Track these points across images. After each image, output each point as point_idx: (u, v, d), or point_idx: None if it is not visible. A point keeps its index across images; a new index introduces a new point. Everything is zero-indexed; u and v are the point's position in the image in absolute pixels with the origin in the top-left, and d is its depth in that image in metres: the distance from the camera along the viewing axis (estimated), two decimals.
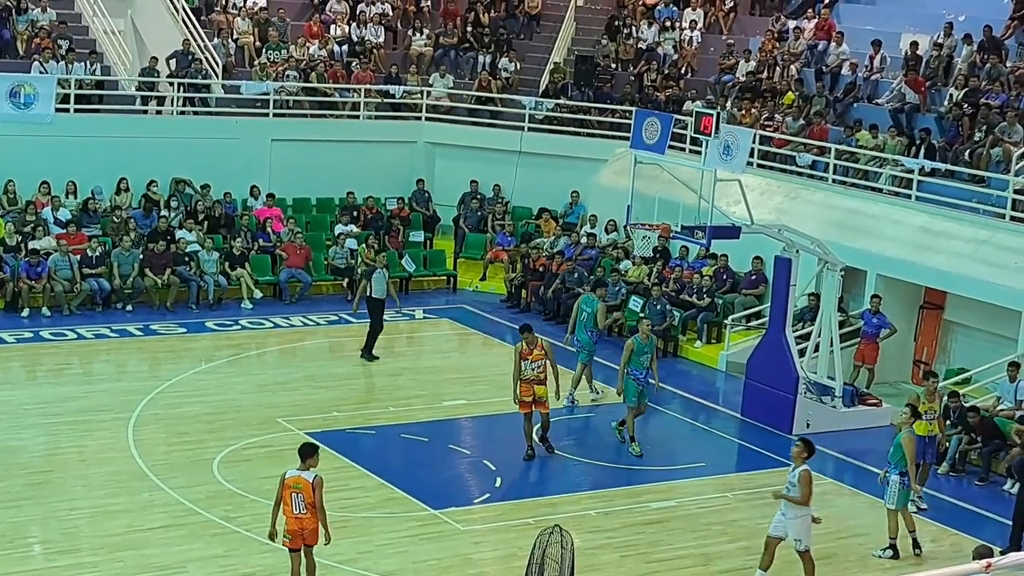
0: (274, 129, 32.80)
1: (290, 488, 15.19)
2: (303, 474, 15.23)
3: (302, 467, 15.29)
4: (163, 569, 16.44)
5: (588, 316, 23.65)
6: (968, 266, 24.93)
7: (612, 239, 31.12)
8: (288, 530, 15.29)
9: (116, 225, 29.15)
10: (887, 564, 17.98)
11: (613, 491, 20.01)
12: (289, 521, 15.24)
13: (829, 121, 30.61)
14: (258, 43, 34.86)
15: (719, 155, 22.81)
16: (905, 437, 18.06)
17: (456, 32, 37.37)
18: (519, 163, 33.53)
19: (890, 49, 31.74)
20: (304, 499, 15.12)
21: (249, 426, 21.53)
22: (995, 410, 22.36)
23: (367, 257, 30.18)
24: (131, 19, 35.13)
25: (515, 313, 29.67)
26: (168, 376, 24.00)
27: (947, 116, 28.74)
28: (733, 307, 27.62)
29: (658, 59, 36.06)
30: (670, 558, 17.76)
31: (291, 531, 15.28)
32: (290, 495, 15.18)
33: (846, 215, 27.45)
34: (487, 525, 18.44)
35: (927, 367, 24.48)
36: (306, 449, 15.52)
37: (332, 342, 27.28)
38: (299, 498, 15.13)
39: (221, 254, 29.16)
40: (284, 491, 15.22)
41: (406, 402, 23.40)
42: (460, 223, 33.43)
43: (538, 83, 36.10)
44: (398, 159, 34.24)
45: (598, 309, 23.71)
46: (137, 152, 30.72)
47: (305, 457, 15.35)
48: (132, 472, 19.37)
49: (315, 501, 15.12)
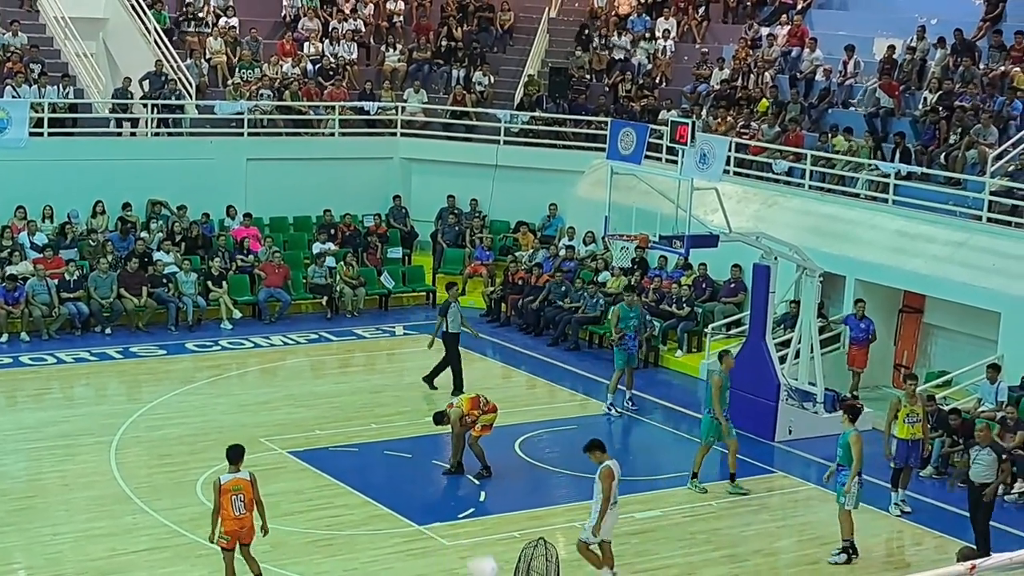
0: (249, 148, 32.76)
1: (229, 492, 15.60)
2: (239, 475, 15.73)
3: (233, 469, 15.75)
4: None
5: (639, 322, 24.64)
6: (946, 269, 25.00)
7: (591, 251, 31.14)
8: (226, 531, 15.64)
9: (93, 248, 29.06)
10: (872, 570, 17.99)
11: None
12: (228, 523, 15.61)
13: (804, 127, 30.69)
14: (231, 63, 34.79)
15: (695, 164, 22.88)
16: (852, 437, 18.08)
17: (429, 47, 37.37)
18: (496, 177, 33.54)
19: (863, 54, 31.84)
20: (244, 499, 15.60)
21: None
22: (976, 412, 22.41)
23: (346, 275, 30.19)
24: (103, 41, 35.07)
25: (495, 327, 29.66)
26: (149, 398, 23.91)
27: (922, 120, 28.84)
28: (713, 316, 27.64)
29: (632, 69, 36.12)
30: (656, 568, 17.75)
31: (229, 532, 15.65)
32: (230, 499, 15.59)
33: (823, 221, 27.51)
34: (472, 540, 18.40)
35: (907, 370, 24.52)
36: (236, 451, 15.96)
37: (313, 360, 27.22)
38: (239, 499, 15.59)
39: (199, 275, 29.09)
40: (223, 496, 15.59)
41: (388, 419, 23.35)
42: (438, 238, 33.41)
43: (512, 96, 36.13)
44: (374, 176, 34.22)
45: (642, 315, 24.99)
46: (112, 175, 30.64)
47: (236, 459, 15.83)
48: (115, 495, 19.29)
49: (256, 497, 15.68)
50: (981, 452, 18.33)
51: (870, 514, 20.02)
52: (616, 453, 22.67)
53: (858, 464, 18.00)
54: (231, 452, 15.96)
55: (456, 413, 20.47)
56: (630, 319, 24.27)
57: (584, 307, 28.52)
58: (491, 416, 20.63)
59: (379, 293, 30.99)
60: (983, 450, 18.31)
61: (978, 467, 18.34)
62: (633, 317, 24.34)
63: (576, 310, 28.59)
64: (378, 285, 30.98)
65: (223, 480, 15.67)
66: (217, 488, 15.64)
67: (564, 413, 24.23)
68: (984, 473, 18.26)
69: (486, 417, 20.54)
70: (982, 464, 18.29)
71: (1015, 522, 19.88)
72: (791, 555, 18.45)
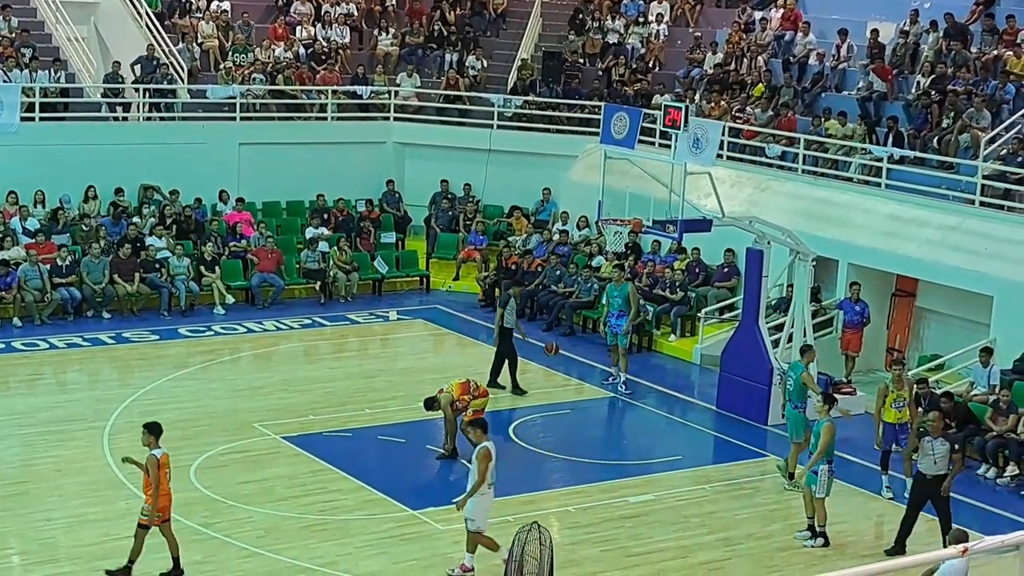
0: (242, 133, 32.66)
1: (166, 466, 15.99)
2: (165, 451, 16.07)
3: (157, 445, 16.04)
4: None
5: (623, 301, 24.57)
6: (939, 253, 25.02)
7: (584, 235, 31.12)
8: (160, 507, 15.98)
9: (85, 233, 29.01)
10: (862, 552, 18.04)
11: (591, 486, 20.01)
12: (164, 498, 15.99)
13: (797, 111, 30.67)
14: (223, 47, 34.72)
15: (689, 148, 22.82)
16: (825, 427, 18.07)
17: (422, 31, 37.31)
18: (489, 161, 33.50)
19: (857, 38, 31.81)
20: (169, 475, 16.04)
21: (225, 432, 21.46)
22: (968, 395, 22.46)
23: (339, 259, 30.16)
24: (94, 26, 34.96)
25: (489, 312, 29.64)
26: (142, 383, 23.89)
27: (915, 104, 28.82)
28: (706, 300, 27.64)
29: (625, 53, 36.06)
30: (650, 551, 17.78)
31: (163, 508, 16.04)
32: (165, 473, 15.97)
33: (816, 205, 27.51)
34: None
35: (900, 354, 24.56)
36: (158, 427, 16.22)
37: (306, 345, 27.21)
38: (168, 475, 16.02)
39: (192, 260, 29.05)
40: (163, 471, 15.91)
41: (382, 404, 23.36)
42: (431, 223, 33.38)
43: (506, 80, 36.07)
44: (367, 160, 34.16)
45: (629, 291, 24.77)
46: (105, 159, 30.57)
47: (160, 434, 16.11)
48: (108, 481, 19.27)
49: None
50: (934, 443, 17.84)
51: (862, 497, 20.10)
52: (610, 437, 22.87)
53: (820, 453, 17.94)
54: (155, 427, 16.18)
55: (446, 399, 20.48)
56: (613, 297, 24.67)
57: (578, 292, 28.52)
58: (482, 401, 20.63)
59: (372, 278, 30.97)
60: (935, 440, 17.85)
61: (930, 459, 17.86)
62: (616, 296, 24.58)
63: (570, 295, 28.59)
64: (371, 270, 30.96)
65: (160, 455, 15.95)
66: (156, 464, 15.86)
67: (558, 398, 24.24)
68: (937, 465, 17.82)
69: (477, 402, 20.53)
70: (936, 455, 17.82)
71: (1008, 505, 19.95)
72: (784, 538, 18.47)
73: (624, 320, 24.64)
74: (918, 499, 18.15)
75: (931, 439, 17.88)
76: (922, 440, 18.01)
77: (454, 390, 20.51)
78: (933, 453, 17.81)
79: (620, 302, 24.61)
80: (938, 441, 17.86)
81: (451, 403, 20.45)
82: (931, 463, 17.82)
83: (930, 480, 17.89)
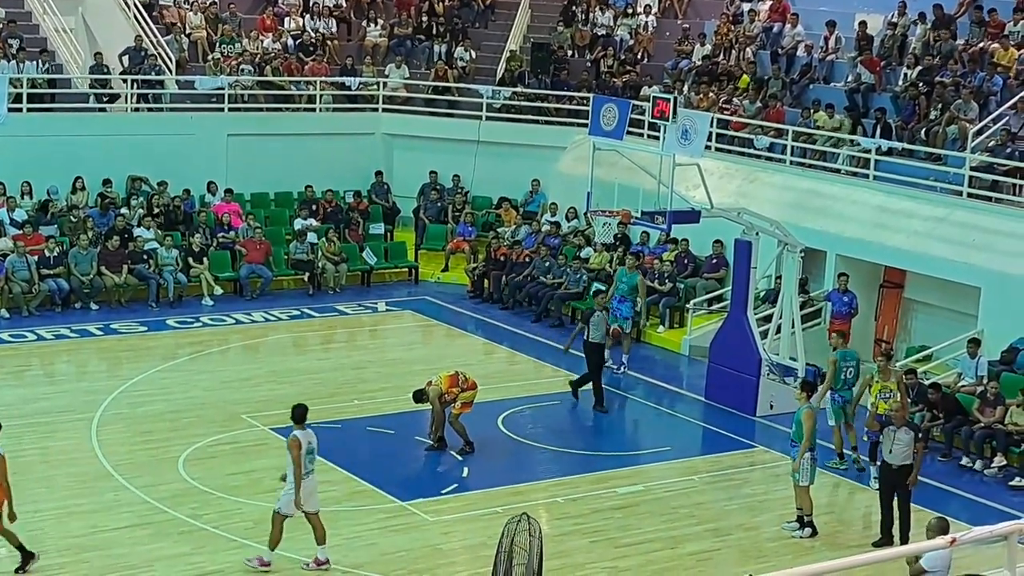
0: (230, 124, 32.62)
1: None
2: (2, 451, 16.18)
3: None
4: (130, 569, 16.36)
5: (630, 289, 24.94)
6: (927, 244, 25.07)
7: (573, 227, 31.13)
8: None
9: (73, 225, 28.95)
10: (851, 542, 18.08)
11: (580, 477, 20.04)
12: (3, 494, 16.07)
13: (786, 103, 30.70)
14: (211, 38, 34.66)
15: (677, 140, 22.84)
16: (805, 413, 18.11)
17: (411, 22, 37.27)
18: (478, 152, 33.48)
19: (844, 30, 31.83)
20: None
21: (213, 423, 21.45)
22: (956, 386, 22.51)
23: (328, 251, 30.14)
24: (82, 16, 34.83)
25: (478, 303, 29.67)
26: (130, 375, 23.87)
27: (903, 95, 28.85)
28: (695, 291, 27.68)
29: (614, 45, 36.07)
30: (639, 542, 17.81)
31: None
32: None
33: (805, 196, 27.54)
34: (456, 515, 18.44)
35: (888, 346, 24.60)
36: None
37: (295, 337, 27.19)
38: None
39: (180, 251, 29.01)
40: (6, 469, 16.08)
41: (371, 395, 23.35)
42: (420, 214, 33.36)
43: (495, 71, 36.04)
44: (356, 151, 34.12)
45: (638, 281, 25.09)
46: (92, 150, 30.50)
47: None
48: (96, 472, 19.26)
49: None
50: (898, 433, 17.74)
51: (850, 487, 20.16)
52: (599, 428, 22.86)
53: (808, 440, 17.98)
54: None
55: (435, 391, 20.45)
56: (621, 282, 25.06)
57: (567, 283, 28.53)
58: (471, 393, 20.61)
59: (361, 269, 30.96)
60: (899, 430, 17.75)
61: (897, 448, 17.75)
62: (624, 282, 24.93)
63: (559, 286, 28.60)
64: (360, 261, 30.95)
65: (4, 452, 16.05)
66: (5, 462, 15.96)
67: (547, 389, 24.25)
68: (903, 454, 17.74)
69: (466, 395, 20.52)
70: (900, 445, 17.72)
71: (995, 495, 20.00)
72: (773, 529, 18.51)
73: (626, 306, 24.89)
74: (885, 488, 18.16)
75: (894, 428, 17.82)
76: (886, 430, 18.02)
77: (443, 383, 20.49)
78: (896, 443, 17.75)
79: (626, 288, 24.96)
80: (901, 431, 17.76)
81: (440, 396, 20.43)
82: (898, 452, 17.76)
83: (894, 470, 17.84)
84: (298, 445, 16.23)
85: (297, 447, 16.22)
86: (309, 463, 16.36)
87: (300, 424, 16.50)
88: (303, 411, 16.65)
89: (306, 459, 16.30)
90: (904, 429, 17.81)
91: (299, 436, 16.32)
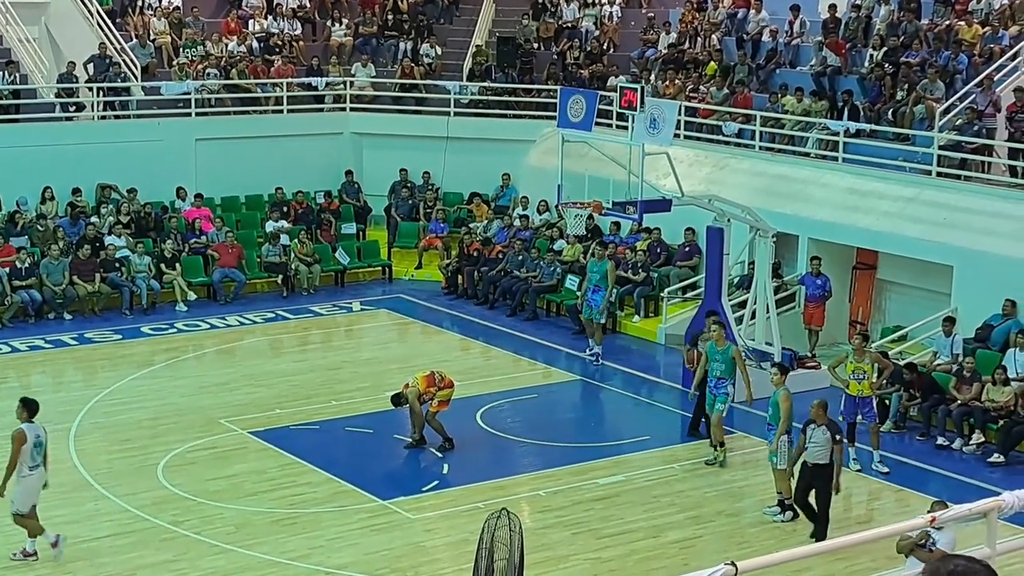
0: (198, 129, 32.54)
1: None
2: None
3: None
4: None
5: (600, 277, 25.04)
6: (898, 224, 25.14)
7: (545, 219, 31.14)
8: None
9: (43, 234, 28.83)
10: (832, 525, 18.10)
11: (560, 470, 20.03)
12: None
13: (752, 89, 30.75)
14: (176, 43, 34.54)
15: (646, 129, 22.84)
16: (781, 396, 18.16)
17: (375, 20, 37.21)
18: (447, 149, 33.46)
19: (809, 13, 31.91)
20: None
21: (192, 429, 21.39)
22: (932, 365, 22.59)
23: (300, 252, 30.08)
24: (45, 26, 34.69)
25: (452, 299, 29.66)
26: (106, 384, 23.79)
27: (869, 77, 28.94)
28: (669, 280, 27.71)
29: (580, 36, 36.08)
30: (621, 532, 17.82)
31: None
32: None
33: (775, 181, 27.60)
34: (437, 512, 18.44)
35: (863, 327, 24.68)
36: None
37: (270, 339, 27.14)
38: None
39: (152, 258, 28.92)
40: None
41: (348, 395, 23.32)
42: (392, 212, 33.33)
43: (461, 67, 36.02)
44: (325, 152, 34.08)
45: (608, 268, 25.16)
46: (60, 160, 30.38)
47: None
48: (76, 483, 19.18)
49: None
50: (816, 431, 17.42)
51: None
52: (578, 420, 22.88)
53: (785, 423, 18.03)
54: None
55: (413, 392, 20.43)
56: (592, 272, 25.27)
57: (541, 276, 28.54)
58: (448, 392, 20.60)
59: (334, 270, 30.92)
60: (818, 428, 17.39)
61: (813, 447, 17.46)
62: (595, 271, 25.14)
63: (533, 279, 28.60)
64: (333, 262, 30.90)
65: None
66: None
67: (525, 383, 24.25)
68: (818, 453, 17.38)
69: (443, 393, 20.52)
70: (815, 444, 17.41)
71: (975, 473, 20.08)
72: (754, 515, 18.56)
73: (600, 296, 24.96)
74: (800, 484, 17.80)
75: (814, 427, 17.49)
76: (806, 428, 17.65)
77: (420, 383, 20.48)
78: (812, 442, 17.46)
79: (597, 277, 25.11)
80: (820, 429, 17.42)
81: (418, 396, 20.43)
82: (815, 451, 17.43)
83: (810, 468, 17.54)
84: (23, 439, 16.31)
85: (22, 441, 16.29)
86: (37, 455, 16.42)
87: (31, 418, 16.53)
88: (36, 407, 16.72)
89: (33, 452, 16.36)
90: (823, 428, 17.44)
91: (26, 430, 16.39)
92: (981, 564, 5.56)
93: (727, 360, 20.12)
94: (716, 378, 20.18)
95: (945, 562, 5.59)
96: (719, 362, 20.16)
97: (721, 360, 20.12)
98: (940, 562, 5.60)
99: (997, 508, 7.86)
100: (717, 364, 20.19)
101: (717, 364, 20.19)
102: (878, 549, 13.79)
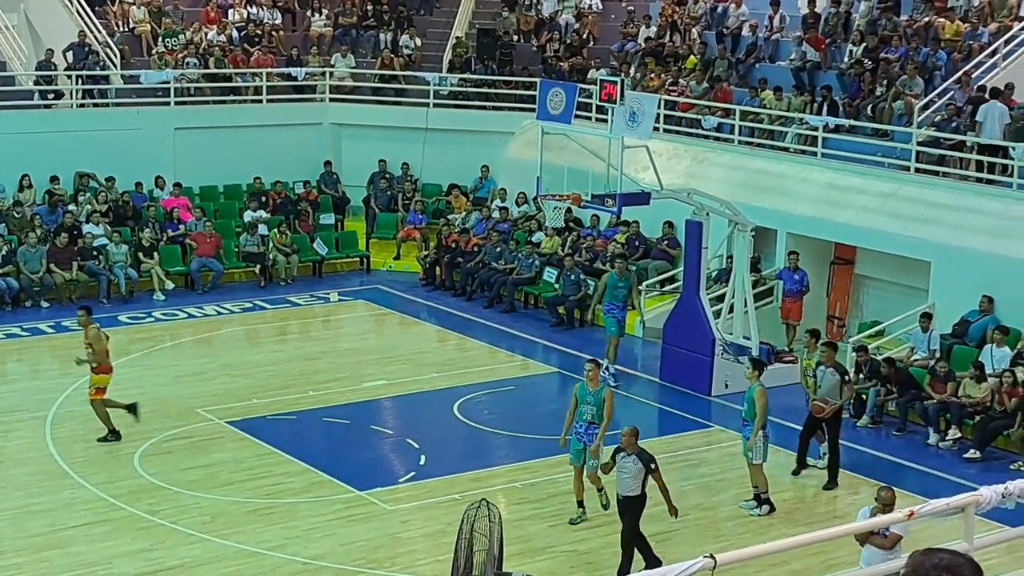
0: (177, 118, 32.44)
1: None
2: None
3: None
4: (90, 566, 16.26)
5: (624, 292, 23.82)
6: (876, 220, 25.21)
7: (524, 212, 31.14)
8: None
9: (20, 222, 28.71)
10: (808, 519, 18.17)
11: (537, 462, 20.03)
12: None
13: (732, 83, 30.78)
14: (155, 31, 34.41)
15: (625, 122, 22.83)
16: (757, 392, 18.19)
17: (355, 11, 37.14)
18: (426, 140, 33.42)
19: (789, 8, 31.96)
20: None
21: (168, 418, 21.33)
22: (909, 361, 22.67)
23: (279, 242, 30.01)
24: (24, 13, 34.53)
25: (430, 291, 29.64)
26: (83, 372, 23.60)
27: (848, 72, 29.00)
28: (647, 273, 27.73)
29: (559, 29, 36.06)
30: (598, 525, 17.83)
31: None
32: None
33: (754, 175, 27.65)
34: (414, 503, 18.43)
35: (840, 321, 24.74)
36: None
37: (248, 329, 27.10)
38: None
39: (130, 247, 28.83)
40: None
41: (325, 386, 23.29)
42: (370, 203, 33.29)
43: (441, 59, 35.97)
44: (304, 142, 34.00)
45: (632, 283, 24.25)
46: (38, 148, 30.28)
47: None
48: (52, 471, 19.13)
49: None
50: (626, 460, 16.12)
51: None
52: (555, 412, 22.85)
53: (761, 418, 18.04)
54: None
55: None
56: (618, 288, 23.73)
57: (519, 268, 28.54)
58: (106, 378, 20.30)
59: (312, 260, 30.87)
60: (628, 458, 16.11)
61: (622, 476, 16.20)
62: (622, 287, 23.79)
63: (511, 271, 28.60)
64: (311, 252, 30.85)
65: None
66: None
67: (502, 375, 24.27)
68: (628, 484, 16.14)
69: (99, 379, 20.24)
70: (625, 473, 16.15)
71: (951, 468, 20.16)
72: (730, 508, 18.60)
73: (625, 313, 24.07)
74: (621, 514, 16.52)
75: (624, 455, 16.20)
76: (616, 456, 16.31)
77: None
78: (622, 470, 16.19)
79: (624, 293, 23.84)
80: (631, 459, 16.13)
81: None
82: (625, 480, 16.17)
83: (620, 500, 16.40)
84: None
85: None
86: None
87: None
88: None
89: None
90: (634, 458, 16.08)
91: None
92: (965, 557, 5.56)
93: (598, 403, 17.72)
94: (587, 423, 17.72)
95: (929, 556, 5.57)
96: (590, 404, 17.74)
97: (592, 403, 17.73)
98: (924, 555, 5.58)
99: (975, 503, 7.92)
100: (588, 407, 17.76)
101: (588, 407, 17.76)
102: (854, 543, 13.82)
